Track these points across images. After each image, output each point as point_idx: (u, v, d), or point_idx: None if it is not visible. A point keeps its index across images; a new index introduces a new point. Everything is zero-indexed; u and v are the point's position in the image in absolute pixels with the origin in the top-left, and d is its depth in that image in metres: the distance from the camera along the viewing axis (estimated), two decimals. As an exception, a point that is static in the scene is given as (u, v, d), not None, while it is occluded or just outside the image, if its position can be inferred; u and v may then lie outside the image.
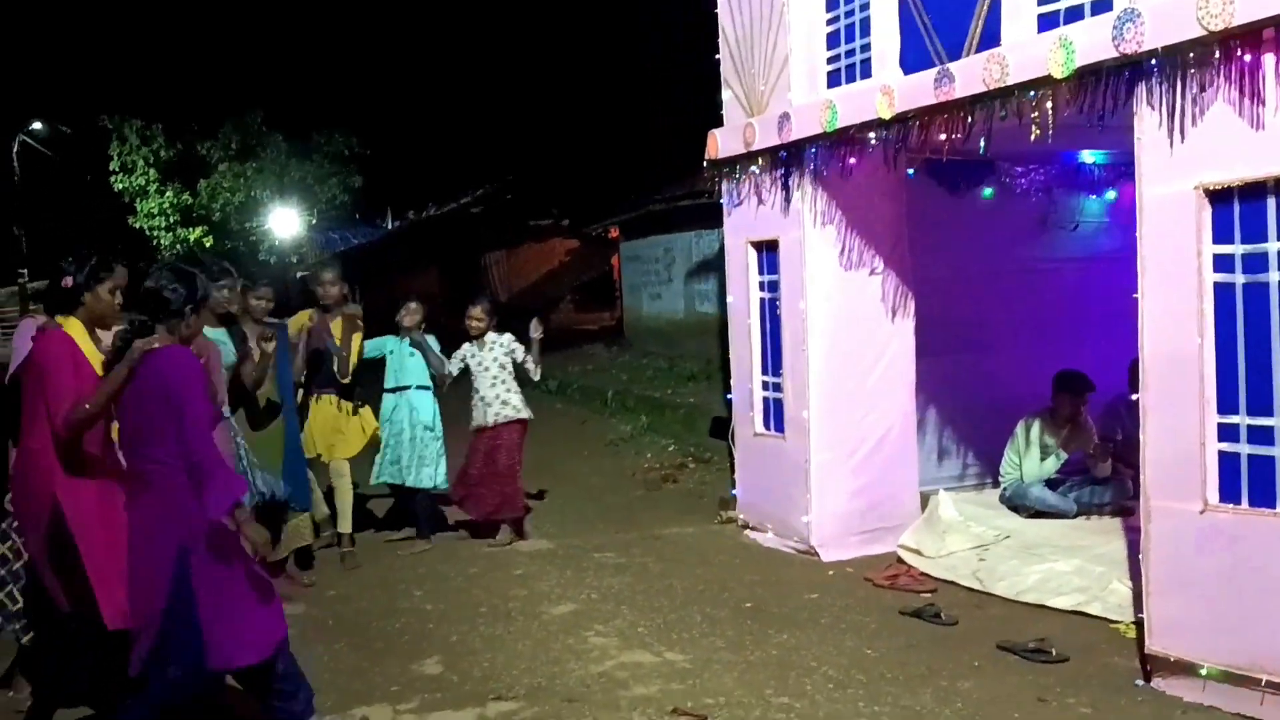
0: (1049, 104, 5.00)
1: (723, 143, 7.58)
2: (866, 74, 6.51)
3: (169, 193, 28.06)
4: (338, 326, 7.27)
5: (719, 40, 7.69)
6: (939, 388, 7.67)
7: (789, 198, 6.99)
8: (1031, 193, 7.93)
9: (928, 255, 7.26)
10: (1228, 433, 4.44)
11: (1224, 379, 4.43)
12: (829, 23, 6.84)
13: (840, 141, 6.42)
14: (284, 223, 29.74)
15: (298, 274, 28.12)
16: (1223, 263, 4.42)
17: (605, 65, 29.83)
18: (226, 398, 5.99)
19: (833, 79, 6.84)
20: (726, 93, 7.66)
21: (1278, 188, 4.25)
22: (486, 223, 29.58)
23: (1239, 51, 4.20)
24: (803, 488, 6.97)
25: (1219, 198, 4.40)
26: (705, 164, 7.81)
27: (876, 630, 5.58)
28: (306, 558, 7.05)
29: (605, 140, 30.42)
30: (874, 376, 7.04)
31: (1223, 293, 4.42)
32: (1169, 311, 4.56)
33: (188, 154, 28.22)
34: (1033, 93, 5.05)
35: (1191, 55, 4.35)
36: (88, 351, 4.45)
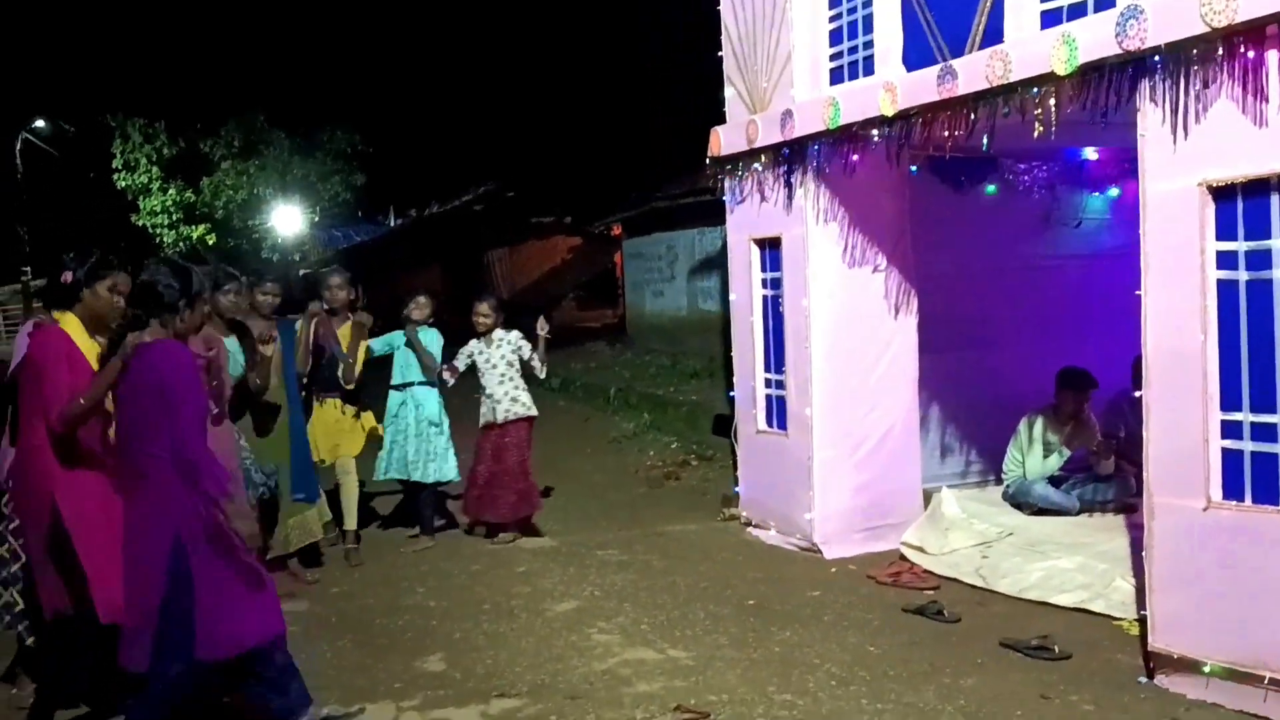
0: (1052, 101, 4.99)
1: (725, 140, 7.57)
2: (869, 71, 6.51)
3: (172, 190, 28.11)
4: (345, 333, 7.24)
5: (721, 37, 7.69)
6: (942, 385, 7.67)
7: (792, 195, 6.99)
8: (1034, 189, 7.93)
9: (931, 252, 7.25)
10: (1231, 430, 4.43)
11: (1227, 376, 4.43)
12: (831, 19, 6.83)
13: (843, 138, 6.41)
14: (287, 220, 29.78)
15: (300, 272, 28.13)
16: (1226, 259, 4.41)
17: (607, 63, 29.85)
18: (230, 395, 5.99)
19: (835, 76, 6.84)
20: (729, 90, 7.66)
21: (1281, 184, 4.24)
22: (489, 220, 29.55)
23: (1242, 48, 4.20)
24: (805, 485, 6.97)
25: (1222, 194, 4.39)
26: (708, 161, 7.80)
27: (879, 627, 5.58)
28: (314, 556, 7.07)
29: (607, 137, 30.45)
30: (877, 374, 7.04)
31: (1226, 289, 4.42)
32: (1172, 308, 4.56)
33: (190, 152, 28.28)
34: (1036, 89, 5.04)
35: (1194, 52, 4.34)
36: (84, 347, 4.45)
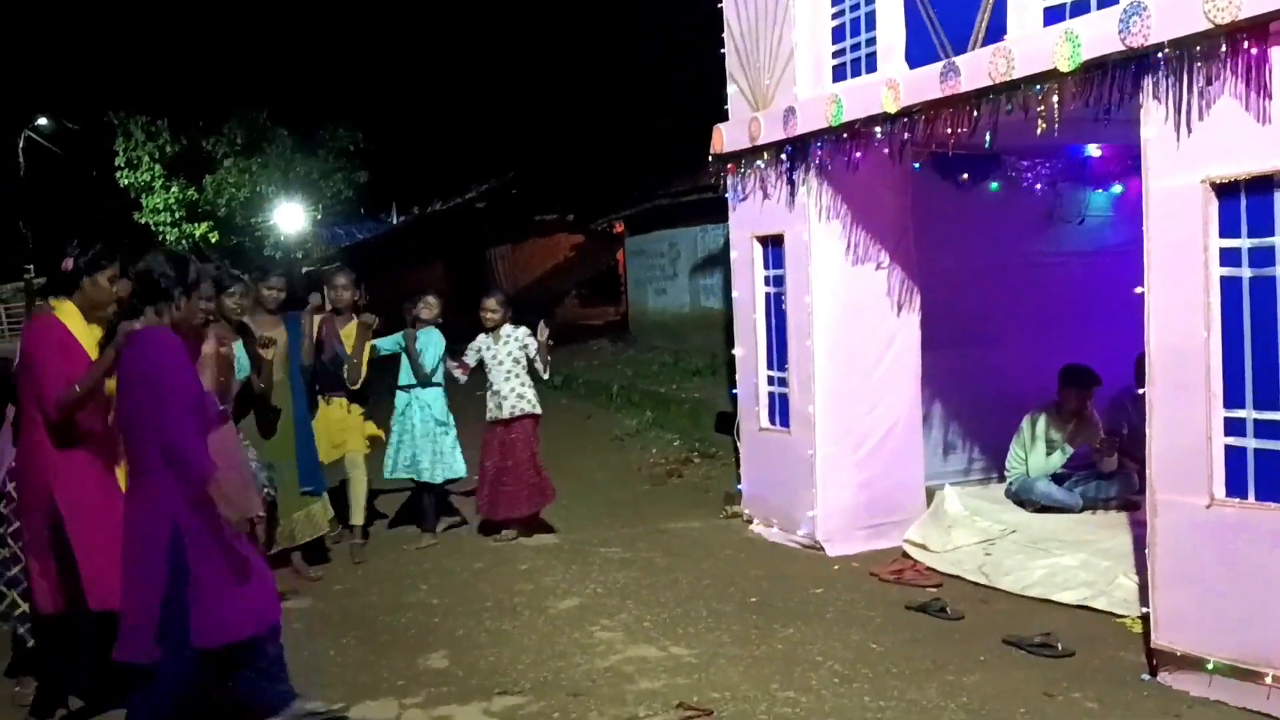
0: (1055, 98, 4.98)
1: (728, 137, 7.57)
2: (872, 68, 6.50)
3: (174, 188, 28.13)
4: (349, 333, 7.24)
5: (724, 34, 7.68)
6: (945, 382, 7.67)
7: (794, 192, 6.98)
8: (1037, 186, 7.91)
9: (933, 249, 7.25)
10: (1234, 427, 4.43)
11: (1230, 373, 4.42)
12: (834, 16, 6.83)
13: (845, 135, 6.41)
14: (289, 218, 29.79)
15: (303, 269, 28.16)
16: (1229, 256, 4.40)
17: (609, 60, 29.82)
18: (234, 392, 5.99)
19: (838, 73, 6.83)
20: (731, 87, 7.65)
21: (1285, 181, 4.24)
22: (491, 218, 29.55)
23: (1245, 45, 4.19)
24: (808, 482, 6.97)
25: (1225, 191, 4.38)
26: (710, 158, 7.80)
27: (882, 625, 5.58)
28: (320, 552, 7.08)
29: (610, 135, 30.41)
30: (879, 371, 7.04)
31: (1229, 286, 4.41)
32: (1175, 305, 4.55)
33: (193, 149, 28.30)
34: (1038, 86, 5.04)
35: (1198, 49, 4.34)
36: (80, 335, 4.47)
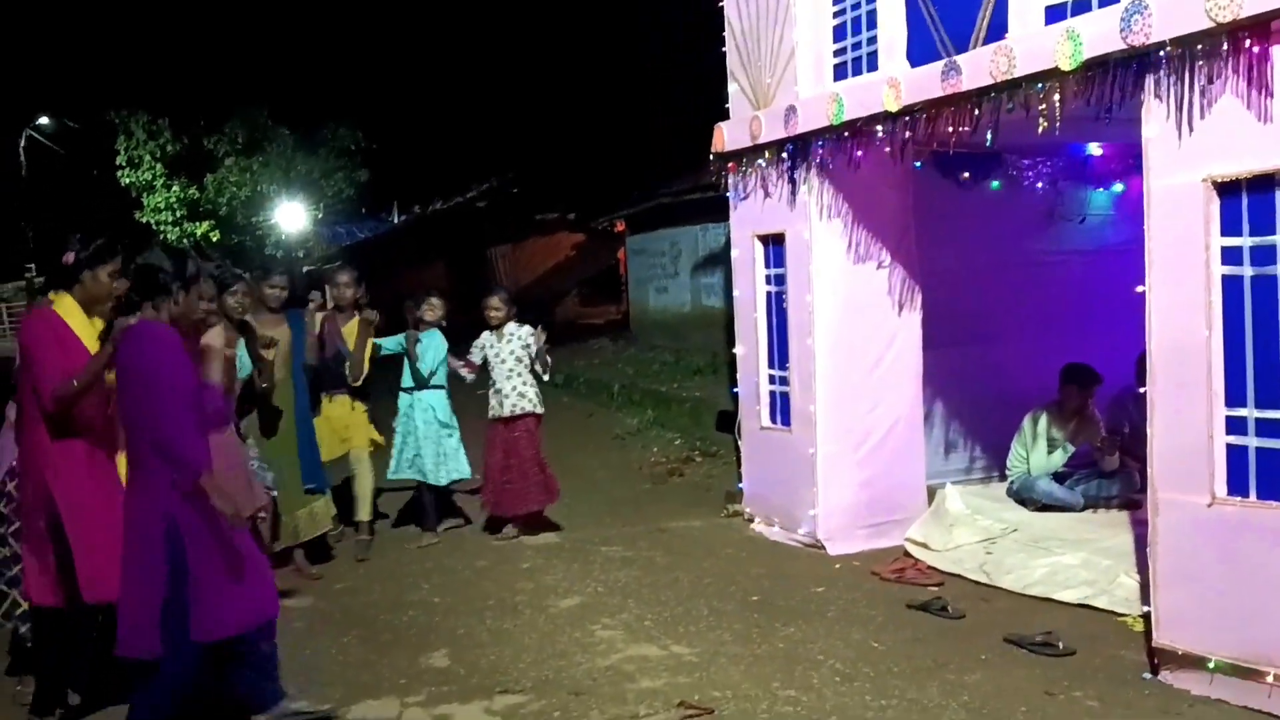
0: (1056, 96, 4.98)
1: (729, 136, 7.57)
2: (873, 67, 6.50)
3: (175, 187, 28.14)
4: (351, 330, 7.24)
5: (725, 33, 7.68)
6: (946, 380, 7.67)
7: (795, 191, 6.98)
8: (1038, 185, 7.92)
9: (934, 248, 7.25)
10: (1235, 425, 4.43)
11: (1232, 372, 4.42)
12: (835, 15, 6.83)
13: (847, 134, 6.41)
14: (290, 217, 29.80)
15: (304, 268, 28.17)
16: (1231, 255, 4.40)
17: (611, 58, 29.79)
18: (236, 392, 6.00)
19: (839, 72, 6.83)
20: (732, 85, 7.65)
21: (1286, 180, 4.23)
22: (492, 217, 29.55)
23: (1247, 43, 4.19)
24: (809, 481, 6.97)
25: (1227, 190, 4.38)
26: (711, 157, 7.80)
27: (883, 623, 5.58)
28: (323, 550, 7.09)
29: (611, 134, 30.39)
30: (881, 369, 7.04)
31: (1231, 285, 4.41)
32: (1177, 304, 4.55)
33: (194, 148, 28.31)
34: (1040, 85, 5.04)
35: (1199, 47, 4.33)
36: (79, 328, 4.49)
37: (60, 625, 4.53)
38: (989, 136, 5.69)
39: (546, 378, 7.65)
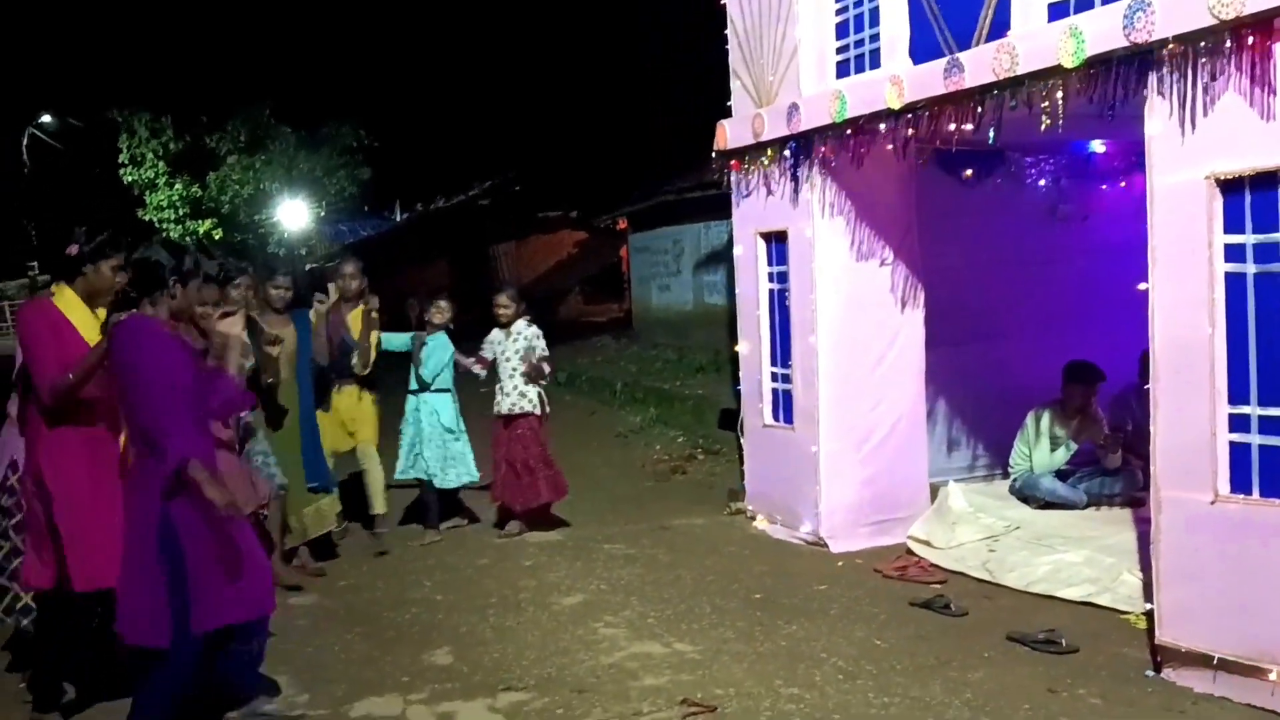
0: (1059, 94, 4.98)
1: (731, 133, 7.56)
2: (876, 64, 6.49)
3: (178, 185, 28.11)
4: (355, 319, 7.27)
5: (727, 31, 7.67)
6: (948, 378, 7.66)
7: (798, 188, 6.98)
8: (1041, 183, 7.91)
9: (937, 245, 7.25)
10: (1238, 423, 4.42)
11: (1235, 369, 4.42)
12: (838, 12, 6.83)
13: (849, 132, 6.40)
14: (293, 215, 29.78)
15: (307, 266, 28.16)
16: (1234, 252, 4.40)
17: (613, 56, 29.77)
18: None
19: (842, 69, 6.83)
20: (735, 83, 7.65)
21: (1289, 177, 4.23)
22: (495, 215, 29.54)
23: (1250, 40, 4.18)
24: (812, 479, 6.97)
25: (1230, 187, 4.38)
26: (714, 155, 7.80)
27: (886, 621, 5.58)
28: (328, 547, 7.11)
29: (613, 131, 30.37)
30: (883, 367, 7.04)
31: (1234, 282, 4.41)
32: (1180, 301, 4.55)
33: (197, 146, 28.28)
34: (1043, 82, 5.03)
35: (1202, 44, 4.33)
36: (78, 320, 4.51)
37: (55, 608, 4.55)
38: (991, 134, 5.68)
39: (545, 382, 7.64)
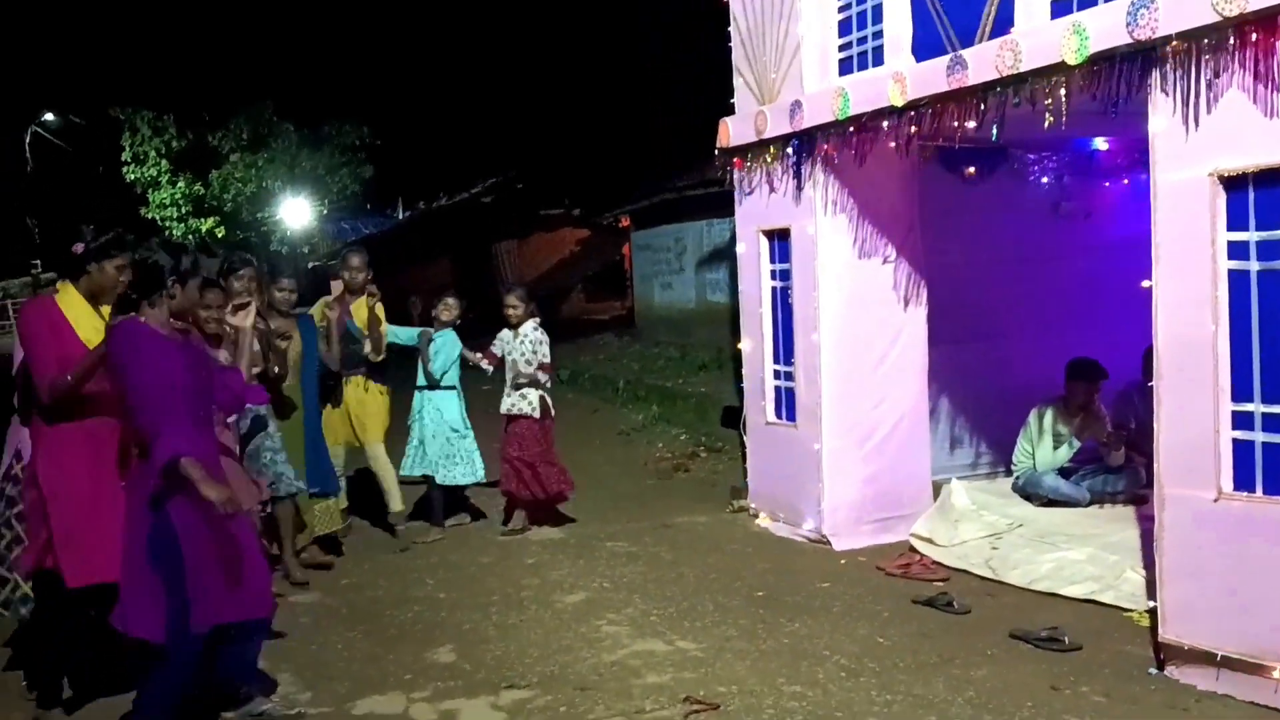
0: (1062, 91, 4.97)
1: (734, 131, 7.56)
2: (879, 61, 6.49)
3: (181, 183, 28.13)
4: (360, 308, 7.28)
5: (730, 28, 7.67)
6: (951, 376, 7.66)
7: (801, 186, 6.98)
8: (1044, 180, 7.90)
9: (940, 243, 7.24)
10: (1242, 420, 4.42)
11: (1238, 366, 4.41)
12: (841, 9, 6.82)
13: (852, 129, 6.40)
14: (295, 213, 29.80)
15: (309, 264, 28.19)
16: (1237, 249, 4.39)
17: (615, 54, 29.76)
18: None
19: (845, 66, 6.82)
20: (737, 80, 7.64)
21: (1293, 174, 4.22)
22: (497, 212, 29.50)
23: (1254, 37, 4.17)
24: (814, 476, 6.97)
25: (1233, 184, 4.37)
26: (716, 152, 7.79)
27: (889, 619, 5.58)
28: (332, 545, 7.12)
29: (616, 129, 30.36)
30: (886, 364, 7.03)
31: (1237, 279, 4.40)
32: (1183, 299, 4.54)
33: (199, 144, 28.29)
34: (1046, 80, 5.03)
35: (1206, 41, 4.32)
36: (77, 319, 4.52)
37: (56, 605, 4.56)
38: (994, 131, 5.67)
39: (540, 388, 7.61)
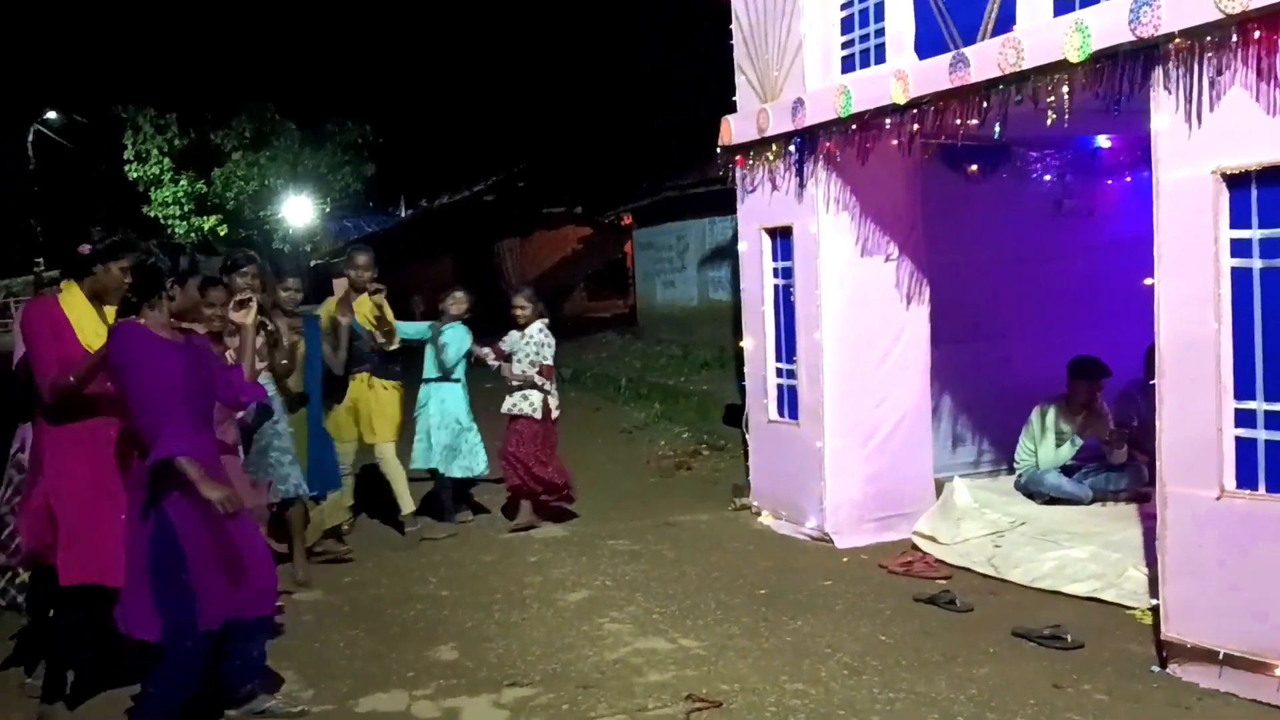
0: (1064, 89, 4.96)
1: (736, 129, 7.56)
2: (881, 59, 6.48)
3: (183, 181, 28.19)
4: (361, 305, 7.29)
5: (732, 26, 7.66)
6: (954, 374, 7.65)
7: (803, 184, 6.97)
8: (1046, 178, 7.90)
9: (942, 241, 7.24)
10: (1244, 418, 4.42)
11: (1241, 364, 4.41)
12: (843, 7, 6.81)
13: (854, 127, 6.39)
14: (298, 211, 29.86)
15: (312, 262, 28.22)
16: (1240, 247, 4.39)
17: (616, 54, 29.77)
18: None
19: (847, 64, 6.81)
20: (739, 78, 7.64)
21: (1296, 172, 4.22)
22: (499, 210, 29.52)
23: (1256, 35, 4.17)
24: (817, 474, 6.97)
25: (1236, 182, 4.37)
26: (718, 150, 7.79)
27: (891, 617, 5.58)
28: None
29: (618, 127, 30.37)
30: (888, 363, 7.03)
31: (1240, 277, 4.40)
32: (1185, 297, 4.54)
33: (202, 143, 28.35)
34: (1048, 77, 5.02)
35: (1208, 39, 4.32)
36: (79, 319, 4.53)
37: (52, 596, 4.57)
38: (997, 129, 5.66)
39: (542, 390, 7.60)
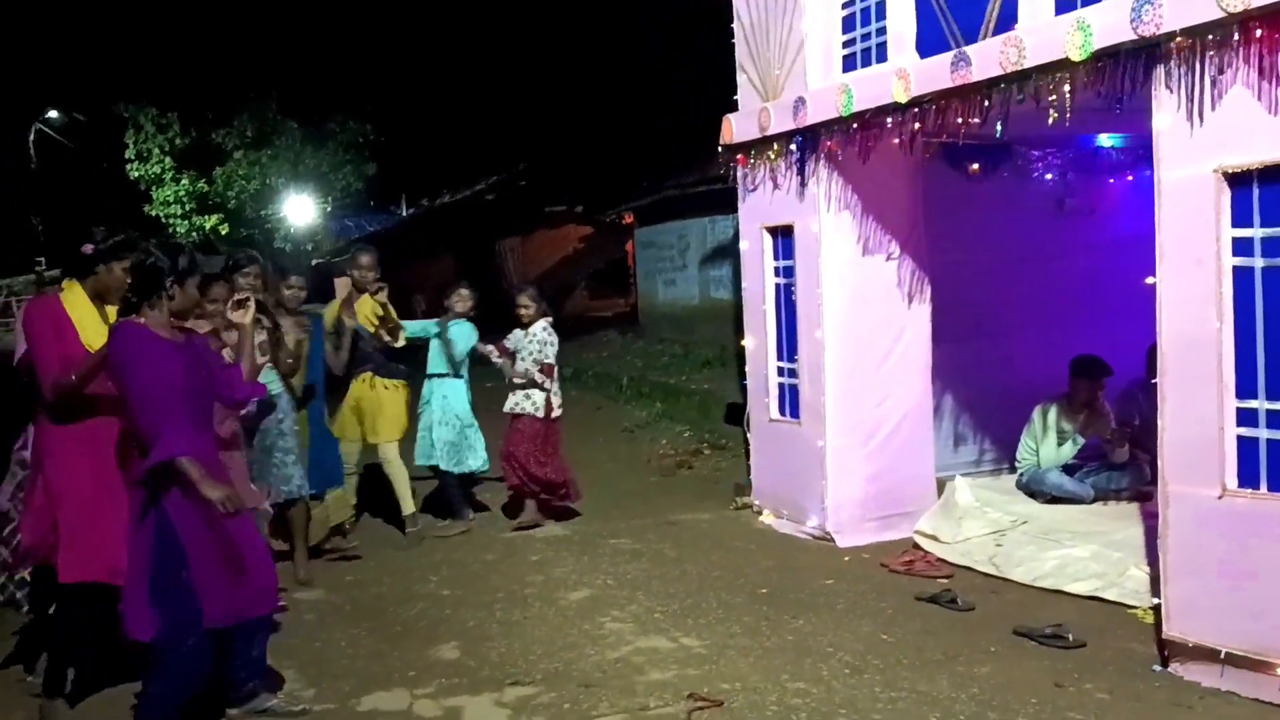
0: (1066, 87, 4.96)
1: (737, 127, 7.56)
2: (882, 58, 6.48)
3: (185, 180, 28.18)
4: (363, 305, 7.30)
5: (733, 24, 7.66)
6: (955, 373, 7.65)
7: (804, 183, 6.97)
8: (1048, 177, 7.89)
9: (943, 240, 7.23)
10: (1246, 417, 4.41)
11: (1243, 363, 4.41)
12: (844, 6, 6.81)
13: (856, 126, 6.38)
14: (299, 210, 29.85)
15: (313, 261, 28.20)
16: (1242, 246, 4.39)
17: (618, 52, 29.76)
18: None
19: (848, 63, 6.81)
20: (741, 77, 7.64)
21: (1298, 170, 4.21)
22: (501, 209, 29.51)
23: (1258, 33, 4.16)
24: (818, 473, 6.97)
25: (1238, 181, 4.36)
26: (720, 149, 7.79)
27: (893, 616, 5.59)
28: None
29: (619, 126, 30.37)
30: (890, 362, 7.03)
31: (1242, 276, 4.39)
32: (1187, 296, 4.53)
33: (203, 142, 28.33)
34: (1050, 76, 5.02)
35: (1210, 37, 4.31)
36: (80, 318, 4.54)
37: (64, 620, 4.57)
38: (998, 128, 5.66)
39: (543, 389, 7.60)
